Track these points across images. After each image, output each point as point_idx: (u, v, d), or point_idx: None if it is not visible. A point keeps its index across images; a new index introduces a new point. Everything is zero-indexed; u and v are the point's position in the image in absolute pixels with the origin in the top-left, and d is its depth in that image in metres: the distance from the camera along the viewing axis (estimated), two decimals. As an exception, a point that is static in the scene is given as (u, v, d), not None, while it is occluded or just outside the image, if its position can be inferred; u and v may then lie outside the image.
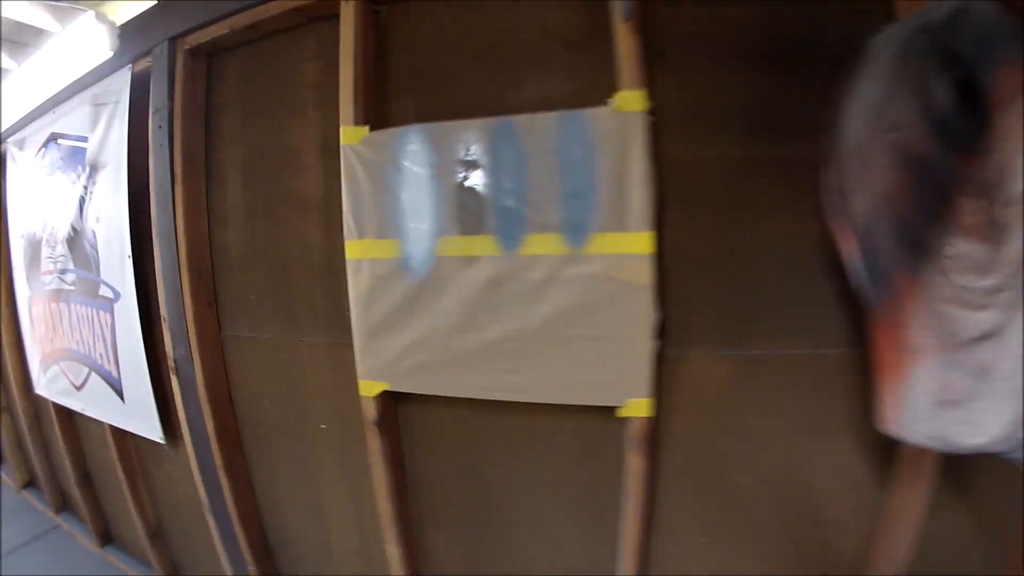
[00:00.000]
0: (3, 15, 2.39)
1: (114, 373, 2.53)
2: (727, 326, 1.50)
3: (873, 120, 1.18)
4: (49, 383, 3.07)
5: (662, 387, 1.53)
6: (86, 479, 3.17)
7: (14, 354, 3.47)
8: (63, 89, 2.59)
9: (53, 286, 2.84)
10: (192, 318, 2.04)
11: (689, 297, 1.51)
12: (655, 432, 1.56)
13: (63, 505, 3.57)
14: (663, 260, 1.48)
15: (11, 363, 3.51)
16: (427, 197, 1.54)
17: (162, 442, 2.38)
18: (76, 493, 3.24)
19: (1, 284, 3.41)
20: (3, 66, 2.79)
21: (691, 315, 1.51)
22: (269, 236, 1.92)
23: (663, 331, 1.49)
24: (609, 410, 1.51)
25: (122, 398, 2.52)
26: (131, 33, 2.22)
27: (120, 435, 2.71)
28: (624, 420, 1.51)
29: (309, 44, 1.83)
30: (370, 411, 1.72)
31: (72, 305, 2.71)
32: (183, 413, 2.21)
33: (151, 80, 2.10)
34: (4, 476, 4.15)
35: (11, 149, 3.15)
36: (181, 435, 2.28)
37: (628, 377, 1.49)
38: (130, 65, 2.22)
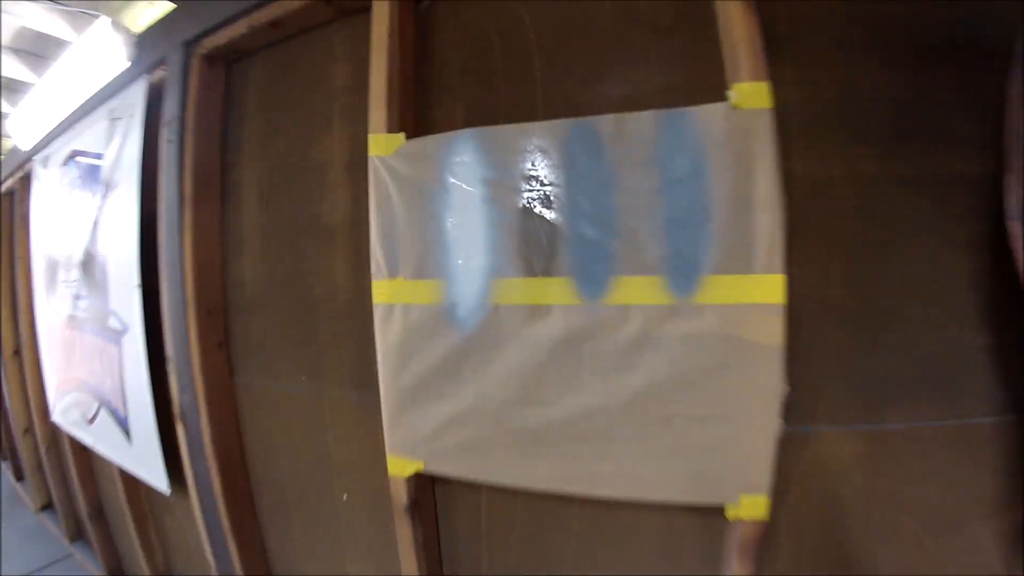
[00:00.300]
0: (18, 23, 2.20)
1: (122, 411, 2.26)
2: (859, 392, 1.14)
3: None
4: (64, 412, 2.85)
5: (778, 476, 1.15)
6: (99, 513, 2.92)
7: (35, 376, 3.29)
8: (84, 103, 2.39)
9: (68, 311, 2.62)
10: (198, 362, 1.74)
11: (817, 357, 1.14)
12: (766, 533, 1.17)
13: (77, 534, 3.34)
14: (788, 310, 1.11)
15: (31, 385, 3.35)
16: (480, 224, 1.18)
17: (167, 494, 2.10)
18: (88, 526, 3.01)
19: (24, 305, 3.24)
20: (22, 79, 2.62)
21: (818, 380, 1.14)
22: (289, 270, 1.61)
23: (788, 405, 1.11)
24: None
25: (129, 439, 2.24)
26: (148, 40, 1.99)
27: (130, 477, 2.45)
28: (730, 519, 1.13)
29: (339, 42, 1.53)
30: (400, 494, 1.35)
31: (84, 334, 2.47)
32: (189, 466, 1.91)
33: (165, 90, 1.85)
34: (24, 496, 4.00)
35: (36, 167, 2.99)
36: (188, 489, 1.99)
37: (744, 468, 1.10)
38: (146, 75, 1.98)
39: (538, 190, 1.15)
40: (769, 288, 1.09)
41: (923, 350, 1.12)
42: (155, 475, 2.13)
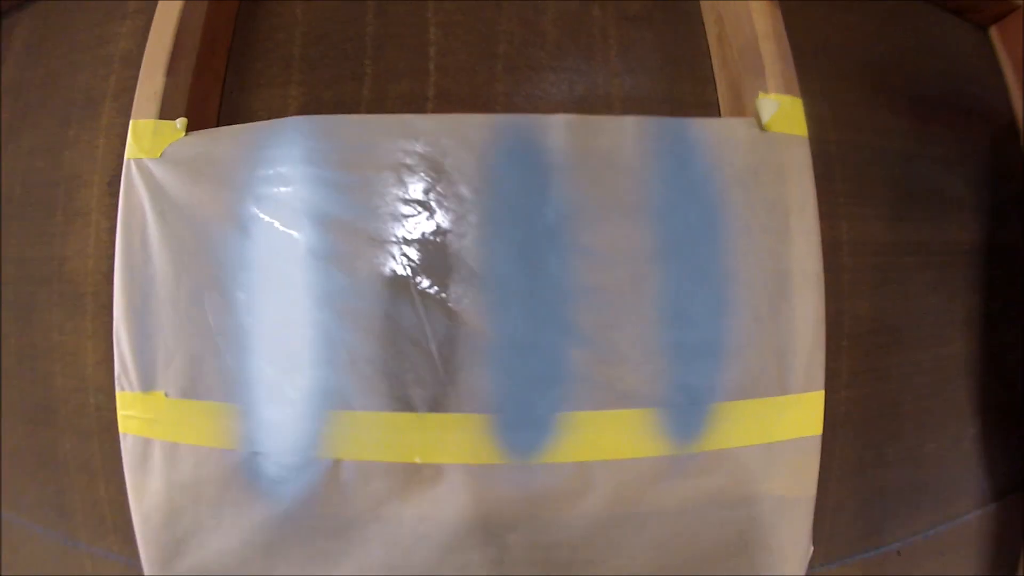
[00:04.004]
0: None
1: None
2: (860, 517, 0.84)
3: None
4: None
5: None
6: None
7: None
8: None
9: None
10: None
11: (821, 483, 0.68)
12: None
13: None
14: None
15: None
16: (308, 305, 0.55)
17: None
18: None
19: None
20: None
21: (819, 513, 0.67)
22: (22, 345, 0.86)
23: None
24: None
25: None
26: None
27: None
28: None
29: (138, -10, 0.88)
30: None
31: None
32: None
33: None
34: None
35: None
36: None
37: None
38: None
39: (426, 242, 0.54)
40: (808, 413, 0.61)
41: (923, 452, 0.87)
42: None
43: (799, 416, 0.62)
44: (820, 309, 0.62)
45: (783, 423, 0.61)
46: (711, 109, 0.75)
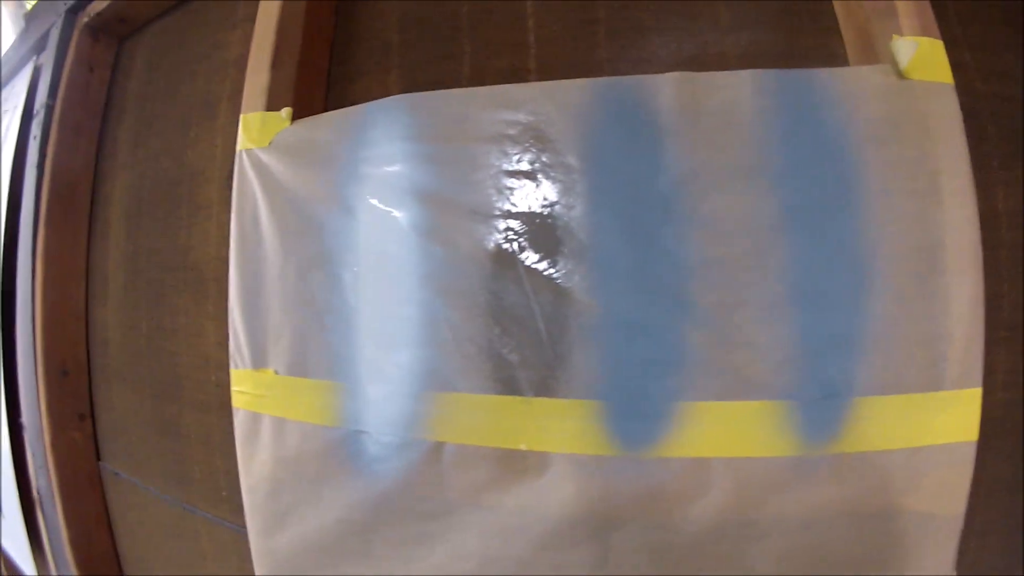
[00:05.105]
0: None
1: (-5, 481, 1.59)
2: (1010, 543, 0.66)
3: None
4: None
5: None
6: None
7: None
8: None
9: None
10: (50, 438, 1.04)
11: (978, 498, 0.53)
12: None
13: None
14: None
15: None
16: (411, 284, 0.52)
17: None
18: None
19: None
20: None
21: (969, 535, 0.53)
22: (152, 327, 0.92)
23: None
24: None
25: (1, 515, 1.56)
26: (41, 12, 1.36)
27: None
28: None
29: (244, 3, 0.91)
30: None
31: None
32: (53, 564, 1.22)
33: (40, 72, 1.22)
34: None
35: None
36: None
37: None
38: (35, 56, 1.34)
39: (532, 215, 0.49)
40: (962, 414, 0.49)
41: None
42: (25, 561, 1.44)
43: (951, 417, 0.50)
44: (979, 288, 0.50)
45: (932, 425, 0.50)
46: (838, 62, 0.65)
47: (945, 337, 0.49)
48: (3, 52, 1.47)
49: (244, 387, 0.59)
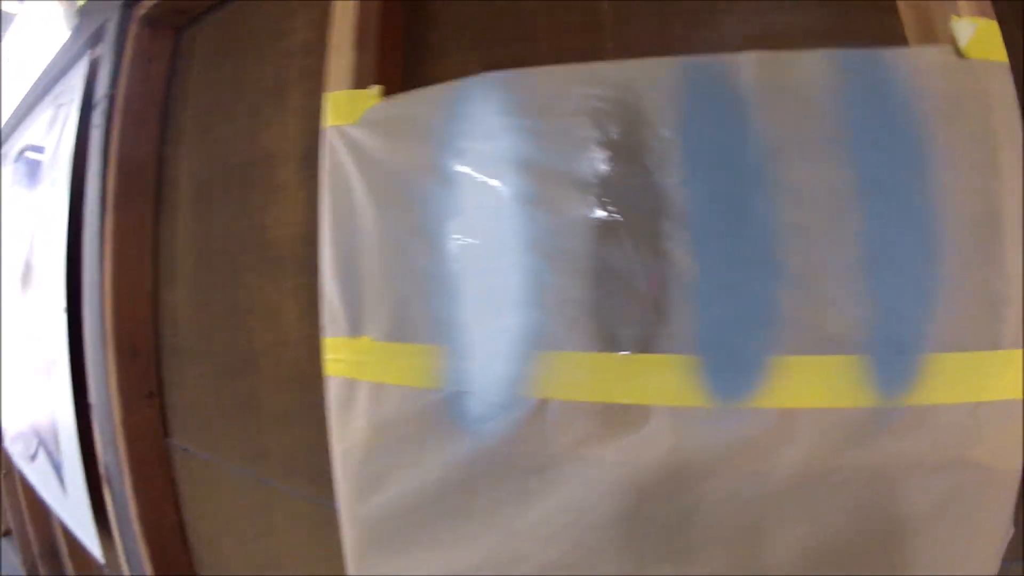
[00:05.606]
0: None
1: (56, 456, 1.62)
2: None
3: None
4: (12, 441, 2.18)
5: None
6: (52, 554, 2.24)
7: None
8: (33, 87, 1.75)
9: (11, 333, 1.99)
10: (120, 416, 1.09)
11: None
12: None
13: (34, 568, 2.64)
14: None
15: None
16: (514, 250, 0.55)
17: (101, 560, 1.46)
18: (40, 565, 2.33)
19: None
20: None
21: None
22: (227, 305, 0.95)
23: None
24: None
25: (64, 488, 1.61)
26: (94, 7, 1.38)
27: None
28: None
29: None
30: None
31: (24, 357, 1.84)
32: (119, 538, 1.28)
33: (99, 65, 1.25)
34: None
35: None
36: (121, 561, 1.35)
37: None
38: (90, 50, 1.37)
39: (631, 183, 0.51)
40: (1015, 373, 0.51)
41: None
42: (88, 536, 1.49)
43: (1009, 375, 0.53)
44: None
45: (992, 382, 0.52)
46: (898, 40, 0.67)
47: (1004, 299, 0.51)
48: (53, 49, 1.50)
49: (340, 355, 0.62)
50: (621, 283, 0.50)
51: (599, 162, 0.52)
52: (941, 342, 0.51)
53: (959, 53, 0.52)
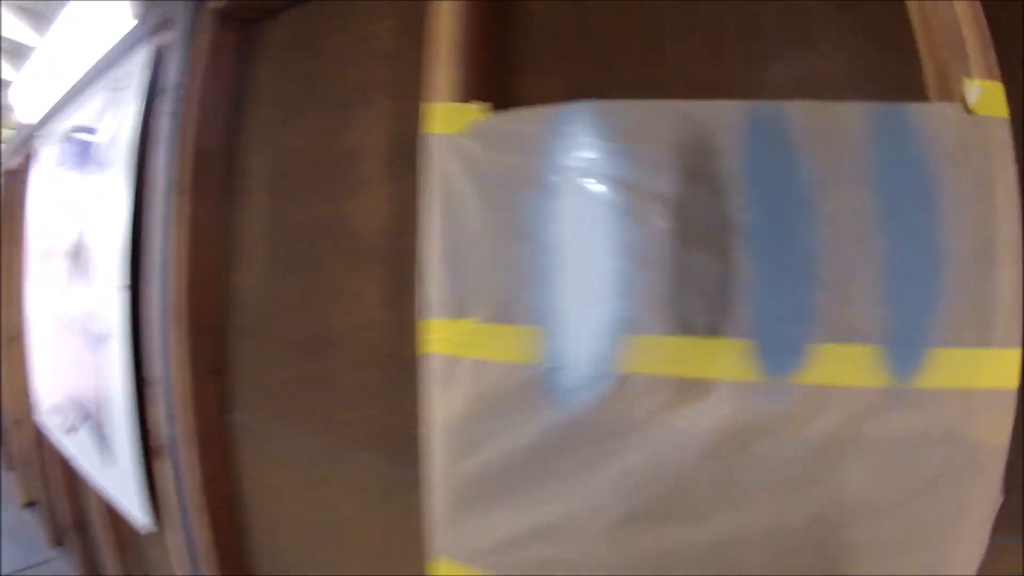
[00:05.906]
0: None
1: (104, 429, 1.69)
2: None
3: None
4: (48, 414, 2.23)
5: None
6: (82, 525, 2.30)
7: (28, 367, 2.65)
8: (88, 70, 1.79)
9: (56, 306, 2.03)
10: (183, 391, 1.17)
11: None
12: None
13: (60, 539, 2.69)
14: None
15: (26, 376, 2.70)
16: (606, 249, 0.66)
17: (150, 531, 1.54)
18: (70, 536, 2.39)
19: (14, 292, 2.60)
20: (25, 41, 2.00)
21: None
22: (301, 288, 1.05)
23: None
24: None
25: (110, 460, 1.67)
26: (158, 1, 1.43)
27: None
28: None
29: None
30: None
31: (68, 333, 1.89)
32: (173, 509, 1.36)
33: (168, 53, 1.30)
34: (12, 489, 3.28)
35: (40, 143, 2.37)
36: (171, 531, 1.43)
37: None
38: (152, 38, 1.41)
39: (702, 204, 0.63)
40: (1006, 367, 0.64)
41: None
42: (136, 507, 1.56)
43: (998, 369, 0.66)
44: (1019, 274, 0.65)
45: (984, 373, 0.65)
46: (917, 87, 0.79)
47: (994, 308, 0.64)
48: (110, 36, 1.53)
49: (443, 335, 0.72)
50: (695, 281, 0.62)
51: (678, 183, 0.63)
52: (942, 339, 0.64)
53: (968, 109, 0.65)
